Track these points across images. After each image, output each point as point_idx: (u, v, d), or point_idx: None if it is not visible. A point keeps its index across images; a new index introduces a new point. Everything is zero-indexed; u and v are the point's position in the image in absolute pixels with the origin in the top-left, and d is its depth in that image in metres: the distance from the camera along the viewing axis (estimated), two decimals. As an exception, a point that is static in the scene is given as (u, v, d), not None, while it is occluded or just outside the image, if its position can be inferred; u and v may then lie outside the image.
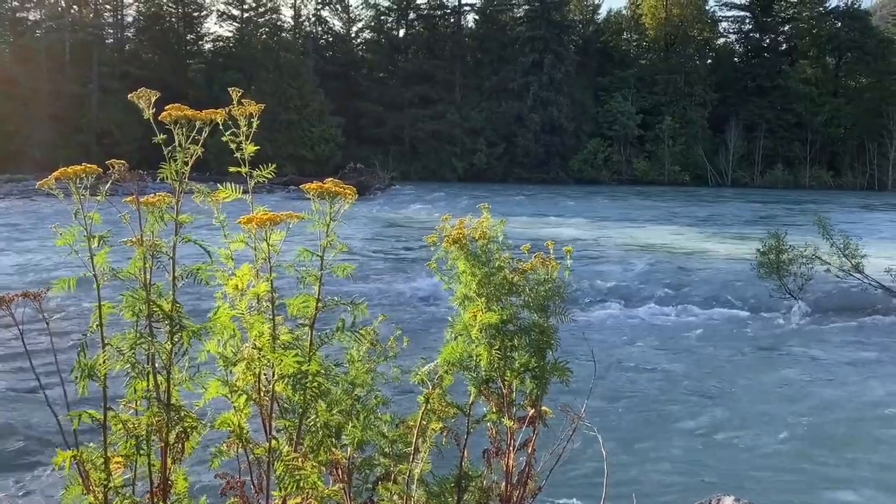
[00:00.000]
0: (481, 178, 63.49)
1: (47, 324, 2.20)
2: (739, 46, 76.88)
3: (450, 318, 2.81)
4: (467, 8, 73.07)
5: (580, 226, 29.71)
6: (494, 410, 2.78)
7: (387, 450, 2.64)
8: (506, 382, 2.76)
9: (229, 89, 2.33)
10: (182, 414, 2.16)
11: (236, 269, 2.28)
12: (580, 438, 2.86)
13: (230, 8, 68.67)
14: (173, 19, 69.80)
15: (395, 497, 2.57)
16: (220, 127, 2.21)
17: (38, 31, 61.04)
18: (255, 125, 2.28)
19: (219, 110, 2.17)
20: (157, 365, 2.14)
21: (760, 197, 51.44)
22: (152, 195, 2.14)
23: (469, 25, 73.69)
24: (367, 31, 74.25)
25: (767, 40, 74.83)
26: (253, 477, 2.30)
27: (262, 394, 2.26)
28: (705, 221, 33.44)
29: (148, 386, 2.14)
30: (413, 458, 2.57)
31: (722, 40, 77.67)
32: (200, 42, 70.78)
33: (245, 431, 2.25)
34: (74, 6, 63.52)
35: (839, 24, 71.91)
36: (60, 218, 2.16)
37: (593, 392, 8.17)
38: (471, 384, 2.75)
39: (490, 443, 2.85)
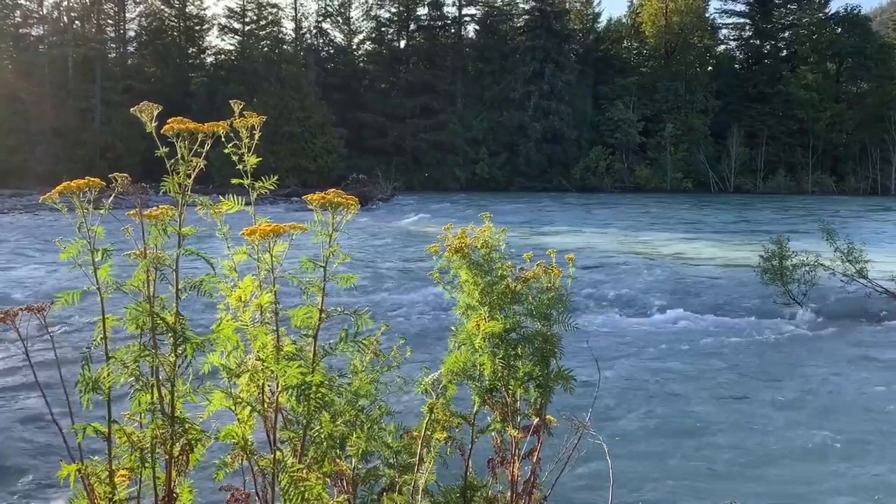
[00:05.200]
0: (484, 188, 63.58)
1: (51, 337, 2.21)
2: (740, 53, 77.08)
3: (453, 328, 2.81)
4: (468, 19, 73.50)
5: (582, 234, 29.70)
6: (499, 420, 2.78)
7: (391, 460, 2.64)
8: (510, 391, 2.76)
9: (231, 102, 2.35)
10: (186, 426, 2.16)
11: (239, 280, 2.29)
12: (585, 447, 2.85)
13: (232, 21, 69.14)
14: (175, 33, 70.24)
15: (401, 508, 2.56)
16: (223, 139, 2.22)
17: (41, 46, 61.43)
18: (257, 137, 2.30)
19: (221, 123, 2.18)
20: (160, 377, 2.14)
21: (763, 203, 51.40)
22: (155, 208, 2.15)
23: (469, 36, 74.05)
24: (369, 43, 74.62)
25: (768, 47, 75.01)
26: (258, 489, 2.30)
27: (266, 405, 2.26)
28: (708, 228, 33.42)
29: (152, 398, 2.14)
30: (417, 469, 2.56)
31: (722, 47, 77.97)
32: (202, 55, 71.18)
33: (249, 443, 2.24)
34: (77, 21, 63.94)
35: (839, 29, 72.09)
36: (64, 232, 2.17)
37: (598, 400, 8.15)
38: (475, 394, 2.74)
39: (495, 452, 2.85)
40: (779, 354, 11.67)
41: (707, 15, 75.98)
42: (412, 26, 72.99)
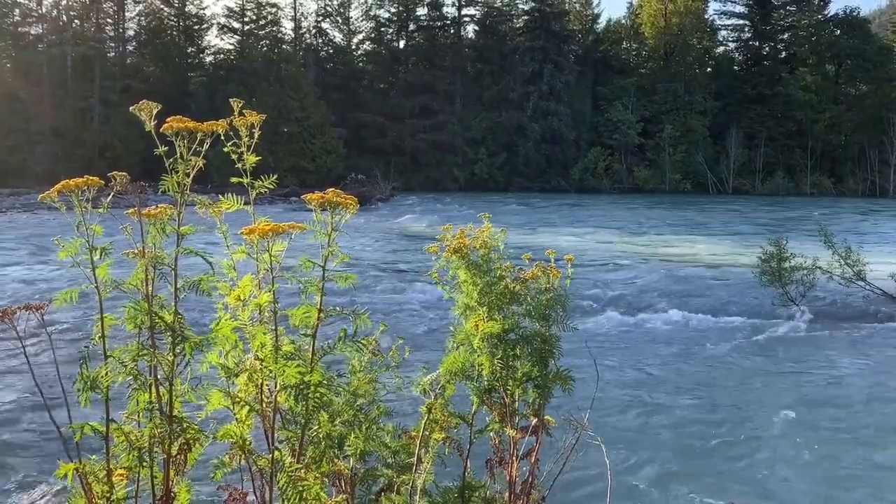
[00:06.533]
0: (482, 188, 63.59)
1: (49, 336, 2.20)
2: (739, 55, 77.12)
3: (451, 328, 2.81)
4: (467, 19, 73.50)
5: (581, 234, 29.71)
6: (497, 420, 2.78)
7: (389, 460, 2.64)
8: (508, 392, 2.76)
9: (230, 101, 2.34)
10: (184, 426, 2.16)
11: (238, 279, 2.29)
12: (583, 448, 2.85)
13: (231, 21, 69.09)
14: (174, 32, 70.18)
15: (399, 508, 2.56)
16: (222, 138, 2.22)
17: (39, 45, 61.34)
18: (256, 136, 2.30)
19: (220, 122, 2.18)
20: (159, 376, 2.14)
21: (762, 205, 51.43)
22: (154, 207, 2.15)
23: (469, 36, 74.04)
24: (368, 43, 74.60)
25: (767, 48, 75.06)
26: (256, 489, 2.30)
27: (264, 405, 2.26)
28: (706, 230, 33.43)
29: (150, 398, 2.14)
30: (416, 469, 2.56)
31: (721, 48, 78.00)
32: (201, 55, 71.12)
33: (248, 443, 2.24)
34: (76, 20, 63.88)
35: (838, 31, 72.13)
36: (63, 231, 2.17)
37: (596, 401, 8.15)
38: (473, 394, 2.74)
39: (493, 452, 2.85)
40: (777, 356, 11.68)
41: (706, 16, 76.03)
42: (411, 26, 72.98)
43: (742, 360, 11.39)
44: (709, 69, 74.65)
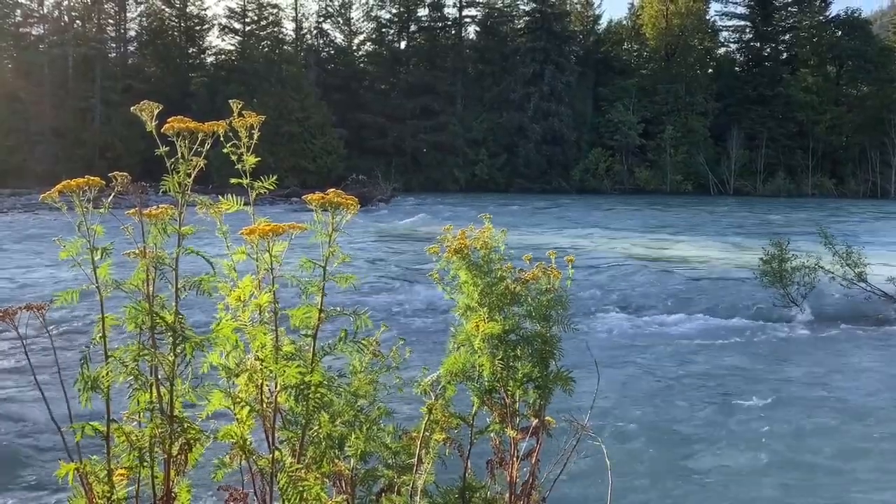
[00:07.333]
0: (483, 189, 63.59)
1: (50, 336, 2.21)
2: (740, 55, 77.11)
3: (452, 329, 2.81)
4: (468, 20, 73.50)
5: (582, 235, 29.70)
6: (497, 421, 2.78)
7: (390, 461, 2.64)
8: (509, 392, 2.76)
9: (230, 101, 2.34)
10: (185, 426, 2.16)
11: (239, 280, 2.29)
12: (584, 449, 2.85)
13: (232, 21, 69.13)
14: (176, 33, 70.24)
15: (399, 508, 2.56)
16: (222, 139, 2.22)
17: (41, 45, 61.40)
18: (256, 137, 2.29)
19: (220, 122, 2.18)
20: (159, 376, 2.14)
21: (763, 206, 51.40)
22: (155, 207, 2.15)
23: (470, 37, 74.04)
24: (369, 44, 74.62)
25: (768, 49, 75.04)
26: (256, 489, 2.30)
27: (264, 405, 2.26)
28: (707, 230, 33.42)
29: (151, 398, 2.14)
30: (416, 470, 2.56)
31: (723, 49, 77.98)
32: (203, 55, 71.18)
33: (248, 443, 2.24)
34: (78, 21, 63.93)
35: (839, 32, 72.09)
36: (64, 231, 2.17)
37: (597, 402, 8.14)
38: (474, 394, 2.74)
39: (493, 453, 2.85)
40: (778, 357, 11.67)
41: (707, 17, 76.00)
42: (412, 27, 72.99)
43: (743, 361, 11.38)
44: (710, 70, 74.59)
